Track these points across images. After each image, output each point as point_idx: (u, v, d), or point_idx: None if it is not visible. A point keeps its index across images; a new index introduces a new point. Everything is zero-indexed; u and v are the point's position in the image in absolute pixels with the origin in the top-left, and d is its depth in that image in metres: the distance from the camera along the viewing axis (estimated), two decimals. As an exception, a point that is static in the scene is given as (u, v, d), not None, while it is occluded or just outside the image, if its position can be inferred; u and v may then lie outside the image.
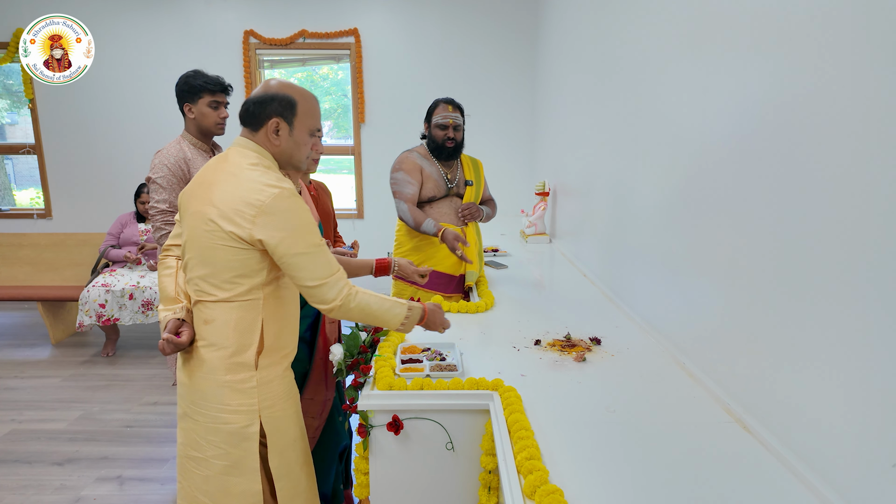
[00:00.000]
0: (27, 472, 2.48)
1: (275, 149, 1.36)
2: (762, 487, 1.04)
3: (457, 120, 2.35)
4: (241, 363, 1.33)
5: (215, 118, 2.19)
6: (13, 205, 5.53)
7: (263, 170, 1.30)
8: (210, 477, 1.36)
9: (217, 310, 1.32)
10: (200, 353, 1.34)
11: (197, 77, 2.17)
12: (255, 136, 1.35)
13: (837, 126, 0.98)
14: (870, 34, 0.91)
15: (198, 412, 1.35)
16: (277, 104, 1.33)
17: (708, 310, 1.49)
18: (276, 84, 1.36)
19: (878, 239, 0.88)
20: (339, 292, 1.31)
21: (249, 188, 1.25)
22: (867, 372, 0.91)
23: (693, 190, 1.58)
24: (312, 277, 1.28)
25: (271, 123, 1.33)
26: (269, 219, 1.24)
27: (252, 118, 1.34)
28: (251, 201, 1.24)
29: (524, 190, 4.75)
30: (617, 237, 2.32)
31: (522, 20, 4.79)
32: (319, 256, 1.29)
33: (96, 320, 3.67)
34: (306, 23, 4.77)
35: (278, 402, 1.40)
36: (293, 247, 1.26)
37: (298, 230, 1.26)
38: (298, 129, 1.37)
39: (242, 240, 1.25)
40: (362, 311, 1.36)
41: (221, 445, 1.34)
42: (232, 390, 1.33)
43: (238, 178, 1.28)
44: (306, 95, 1.38)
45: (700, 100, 1.53)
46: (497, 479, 1.33)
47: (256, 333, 1.33)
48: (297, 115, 1.35)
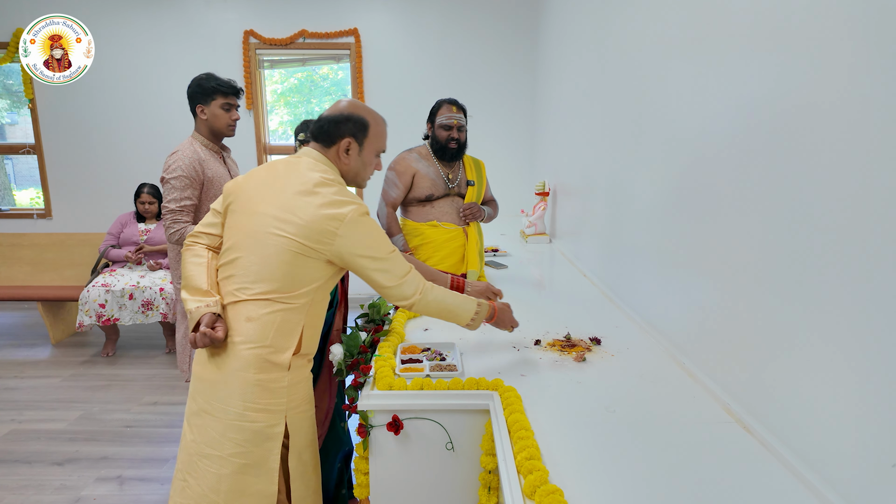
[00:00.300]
0: (27, 472, 2.48)
1: (343, 166, 1.44)
2: (762, 487, 1.04)
3: (460, 121, 2.35)
4: (276, 363, 1.34)
5: (227, 120, 2.21)
6: (13, 205, 5.53)
7: (339, 187, 1.37)
8: (225, 476, 1.34)
9: (264, 309, 1.32)
10: (236, 349, 1.33)
11: (210, 79, 2.19)
12: (327, 151, 1.43)
13: (836, 125, 0.98)
14: (869, 34, 0.91)
15: (220, 409, 1.34)
16: (352, 125, 1.41)
17: (708, 309, 1.49)
18: (348, 105, 1.43)
19: (878, 238, 0.88)
20: (416, 287, 1.41)
21: (330, 204, 1.31)
22: (867, 372, 0.91)
23: (693, 189, 1.58)
24: (392, 279, 1.38)
25: (343, 143, 1.41)
26: (349, 235, 1.31)
27: (326, 136, 1.42)
28: (334, 217, 1.30)
29: (524, 190, 4.75)
30: (617, 237, 2.32)
31: (522, 20, 4.79)
32: (395, 260, 1.39)
33: (96, 320, 3.67)
34: (306, 23, 4.77)
35: (302, 403, 1.43)
36: (374, 258, 1.35)
37: (376, 242, 1.35)
38: (367, 150, 1.45)
39: (321, 253, 1.32)
40: (438, 304, 1.45)
41: (243, 444, 1.33)
42: (262, 389, 1.33)
43: (316, 194, 1.33)
44: (378, 118, 1.46)
45: (699, 99, 1.53)
46: (497, 479, 1.33)
47: (296, 336, 1.36)
48: (368, 137, 1.43)
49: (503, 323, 1.63)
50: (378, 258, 1.36)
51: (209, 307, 1.34)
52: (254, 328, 1.32)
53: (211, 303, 1.36)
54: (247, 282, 1.34)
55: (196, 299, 1.37)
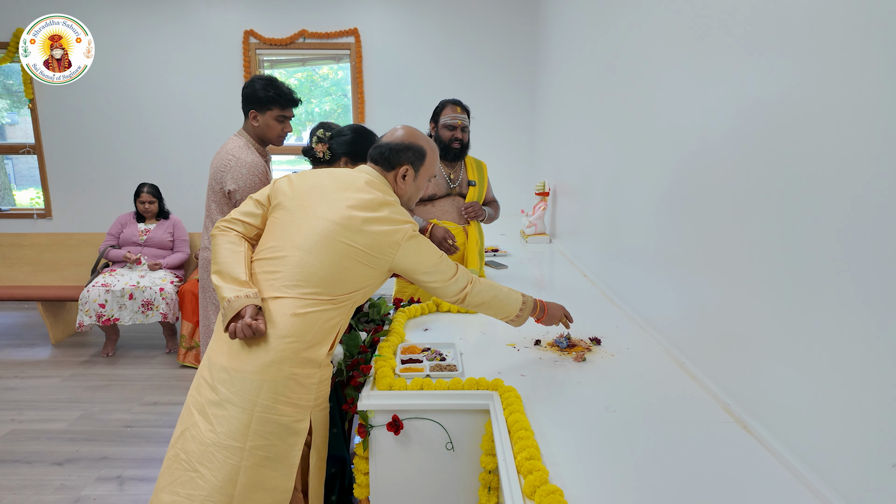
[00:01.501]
0: (27, 472, 2.48)
1: (399, 190, 1.53)
2: (762, 487, 1.04)
3: (464, 121, 2.37)
4: (312, 359, 1.36)
5: (279, 131, 2.18)
6: (13, 205, 5.53)
7: (398, 208, 1.46)
8: (245, 468, 1.32)
9: (312, 308, 1.35)
10: (275, 343, 1.32)
11: (269, 88, 2.11)
12: (386, 174, 1.52)
13: (835, 125, 0.98)
14: (868, 33, 0.91)
15: (249, 400, 1.32)
16: (412, 154, 1.51)
17: (708, 309, 1.49)
18: (408, 134, 1.52)
19: (878, 238, 0.88)
20: (466, 280, 1.51)
21: (393, 221, 1.41)
22: (867, 372, 0.91)
23: (693, 189, 1.58)
24: (443, 279, 1.47)
25: (402, 169, 1.50)
26: (408, 249, 1.41)
27: (386, 161, 1.51)
28: (396, 232, 1.40)
29: (524, 190, 4.75)
30: (617, 237, 2.32)
31: (523, 20, 4.79)
32: (443, 263, 1.48)
33: (96, 320, 3.66)
34: (306, 23, 4.77)
35: (324, 401, 1.45)
36: (428, 271, 1.45)
37: (429, 254, 1.45)
38: (421, 177, 1.55)
39: (384, 262, 1.41)
40: (488, 293, 1.54)
41: (268, 437, 1.33)
42: (296, 383, 1.35)
43: (381, 211, 1.41)
44: (433, 147, 1.56)
45: (699, 100, 1.53)
46: (497, 479, 1.33)
47: (334, 334, 1.41)
48: (424, 165, 1.54)
49: (553, 318, 1.69)
50: (430, 270, 1.46)
51: (249, 298, 1.34)
52: (298, 324, 1.34)
53: (251, 294, 1.35)
54: (297, 280, 1.36)
55: (234, 288, 1.35)
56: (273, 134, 2.17)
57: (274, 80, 2.15)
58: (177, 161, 4.93)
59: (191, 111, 4.87)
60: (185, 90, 4.85)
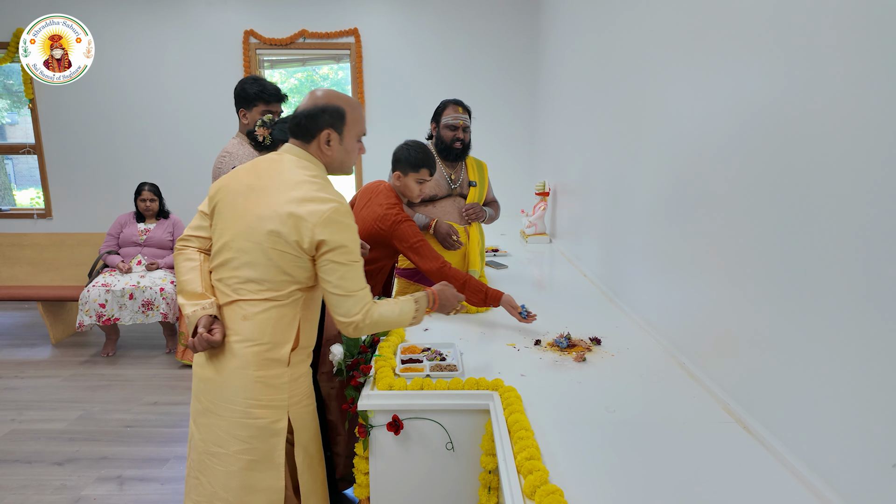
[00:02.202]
0: (27, 472, 2.48)
1: (326, 158, 1.42)
2: (762, 487, 1.04)
3: (466, 121, 2.38)
4: (276, 359, 1.35)
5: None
6: (13, 205, 5.54)
7: (322, 182, 1.37)
8: (233, 473, 1.36)
9: (259, 307, 1.34)
10: (234, 348, 1.34)
11: (254, 85, 2.16)
12: (308, 147, 1.41)
13: (836, 125, 0.98)
14: (869, 33, 0.91)
15: (224, 407, 1.35)
16: (329, 116, 1.39)
17: (708, 309, 1.49)
18: (323, 95, 1.40)
19: (878, 238, 0.88)
20: (363, 307, 1.37)
21: (312, 199, 1.31)
22: (867, 372, 0.91)
23: (692, 189, 1.58)
24: (346, 287, 1.34)
25: (323, 135, 1.39)
26: (330, 228, 1.30)
27: (304, 131, 1.40)
28: (314, 212, 1.30)
29: (524, 190, 4.75)
30: (617, 237, 2.32)
31: (522, 21, 4.79)
32: (356, 270, 1.36)
33: (96, 320, 3.66)
34: (306, 23, 4.77)
35: (304, 398, 1.44)
36: (341, 256, 1.32)
37: (349, 242, 1.34)
38: (348, 137, 1.43)
39: (302, 248, 1.31)
40: (377, 323, 1.40)
41: (248, 441, 1.35)
42: (264, 385, 1.35)
43: (300, 188, 1.33)
44: (353, 103, 1.44)
45: (699, 100, 1.53)
46: (497, 479, 1.33)
47: (293, 331, 1.38)
48: (346, 124, 1.41)
49: (446, 307, 1.62)
50: (342, 263, 1.33)
51: (205, 310, 1.36)
52: (251, 326, 1.34)
53: (206, 305, 1.37)
54: (240, 282, 1.35)
55: (192, 303, 1.38)
56: None
57: (259, 79, 2.19)
58: (177, 161, 4.93)
59: (191, 111, 4.87)
60: (185, 90, 4.85)
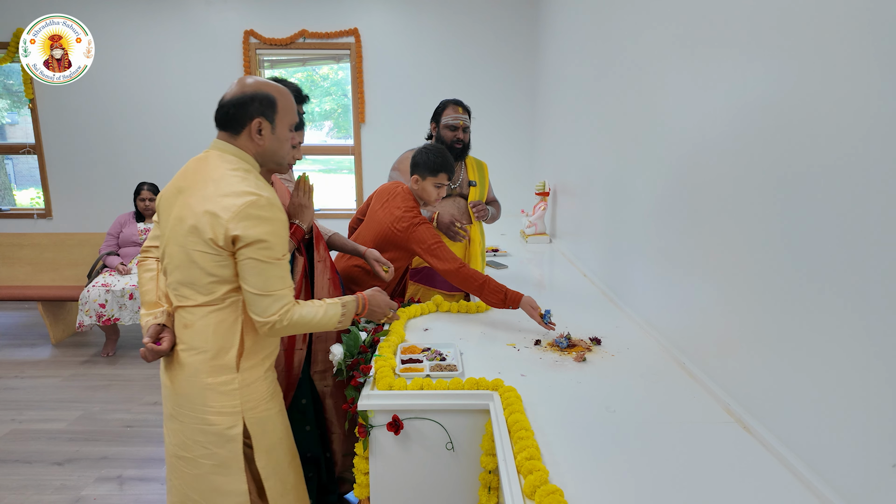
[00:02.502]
0: (27, 471, 2.48)
1: (258, 149, 1.35)
2: (762, 487, 1.04)
3: (466, 121, 2.38)
4: (222, 366, 1.33)
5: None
6: (13, 205, 5.53)
7: (243, 174, 1.30)
8: (200, 476, 1.37)
9: (197, 314, 1.32)
10: (181, 356, 1.34)
11: None
12: (237, 139, 1.34)
13: (836, 124, 0.98)
14: (868, 33, 0.91)
15: (183, 414, 1.36)
16: (259, 104, 1.32)
17: (708, 310, 1.49)
18: (252, 83, 1.34)
19: (878, 238, 0.88)
20: (280, 308, 1.30)
21: (228, 194, 1.25)
22: (867, 372, 0.91)
23: (693, 189, 1.58)
24: (263, 287, 1.28)
25: (254, 124, 1.32)
26: (245, 223, 1.24)
27: (233, 121, 1.33)
28: (228, 206, 1.24)
29: (524, 190, 4.75)
30: (617, 237, 2.32)
31: (522, 20, 4.79)
32: (277, 268, 1.29)
33: (96, 320, 3.66)
34: (306, 23, 4.77)
35: (261, 403, 1.40)
36: (258, 252, 1.26)
37: (268, 237, 1.27)
38: (280, 127, 1.37)
39: (218, 246, 1.25)
40: (296, 325, 1.34)
41: (208, 446, 1.35)
42: (215, 392, 1.33)
43: (218, 184, 1.27)
44: (283, 92, 1.37)
45: (699, 100, 1.53)
46: (497, 479, 1.33)
47: (236, 336, 1.34)
48: (277, 113, 1.35)
49: (376, 314, 1.57)
50: (259, 259, 1.26)
51: (156, 318, 1.37)
52: (192, 334, 1.32)
53: (158, 314, 1.38)
54: (176, 288, 1.33)
55: (147, 312, 1.40)
56: None
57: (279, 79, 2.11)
58: (176, 161, 4.88)
59: (191, 111, 4.87)
60: (186, 90, 4.85)
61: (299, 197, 1.80)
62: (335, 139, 5.49)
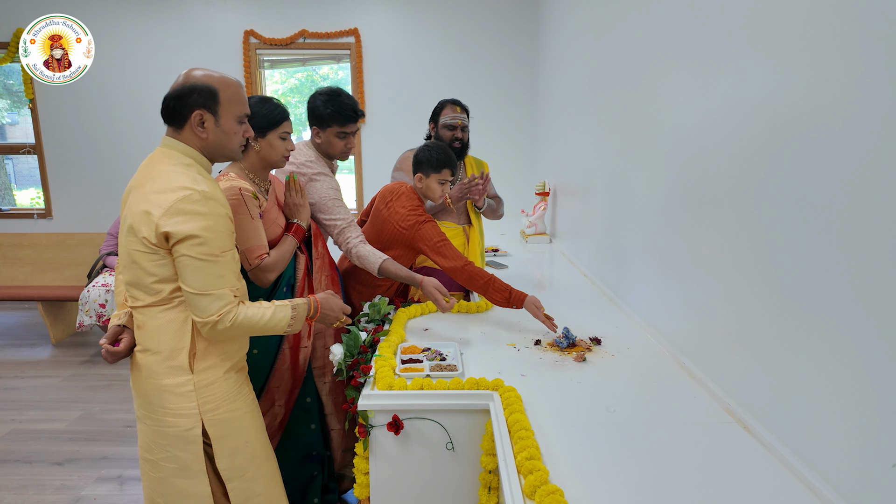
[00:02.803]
0: (27, 471, 2.48)
1: (203, 143, 1.32)
2: (762, 487, 1.04)
3: (464, 121, 2.39)
4: (177, 367, 1.31)
5: (342, 147, 2.02)
6: (13, 205, 5.53)
7: (182, 169, 1.27)
8: (163, 479, 1.36)
9: (147, 314, 1.30)
10: (137, 358, 1.34)
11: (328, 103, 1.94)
12: (181, 133, 1.32)
13: (837, 124, 0.98)
14: (869, 32, 0.91)
15: (146, 416, 1.35)
16: (198, 95, 1.28)
17: (708, 310, 1.49)
18: (195, 75, 1.30)
19: (878, 238, 0.88)
20: (221, 307, 1.25)
21: (162, 190, 1.22)
22: (867, 372, 0.91)
23: (693, 189, 1.58)
24: (201, 286, 1.24)
25: (194, 117, 1.29)
26: (177, 218, 1.20)
27: (175, 115, 1.30)
28: (160, 203, 1.21)
29: (524, 190, 4.75)
30: (617, 237, 2.32)
31: (522, 21, 4.79)
32: (217, 266, 1.25)
33: (96, 320, 3.66)
34: (306, 23, 4.77)
35: (223, 404, 1.36)
36: (192, 249, 1.22)
37: (203, 232, 1.22)
38: (225, 119, 1.32)
39: (152, 244, 1.23)
40: (241, 326, 1.30)
41: (169, 449, 1.34)
42: (171, 394, 1.31)
43: (155, 181, 1.25)
44: (227, 82, 1.33)
45: (699, 99, 1.53)
46: (497, 479, 1.33)
47: (187, 337, 1.30)
48: (220, 104, 1.31)
49: (328, 317, 1.52)
50: (195, 256, 1.22)
51: (118, 319, 1.38)
52: (144, 335, 1.31)
53: (121, 315, 1.39)
54: (129, 290, 1.32)
55: (115, 314, 1.41)
56: (336, 150, 2.02)
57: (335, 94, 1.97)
58: (177, 161, 4.92)
59: (191, 111, 4.86)
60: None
61: (293, 197, 1.81)
62: (335, 139, 5.49)
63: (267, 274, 1.68)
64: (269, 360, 1.79)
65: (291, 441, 1.87)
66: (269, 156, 1.73)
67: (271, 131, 1.71)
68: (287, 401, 1.83)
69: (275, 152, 1.73)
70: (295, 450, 1.88)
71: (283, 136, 1.73)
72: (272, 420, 1.82)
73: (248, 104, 1.39)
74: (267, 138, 1.71)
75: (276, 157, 1.74)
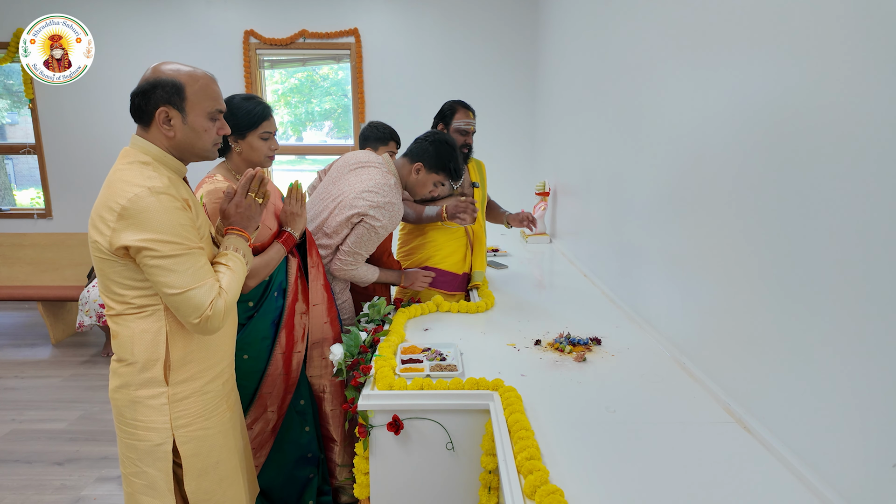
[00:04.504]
0: (27, 472, 2.48)
1: (170, 141, 1.25)
2: (762, 487, 1.04)
3: (475, 126, 2.40)
4: (151, 378, 1.25)
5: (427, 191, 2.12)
6: (13, 205, 5.53)
7: (139, 167, 1.19)
8: (132, 495, 1.31)
9: (119, 323, 1.25)
10: (113, 367, 1.29)
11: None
12: (148, 131, 1.24)
13: (838, 124, 0.98)
14: (870, 32, 0.91)
15: (118, 427, 1.30)
16: (162, 91, 1.21)
17: (708, 310, 1.49)
18: (161, 69, 1.24)
19: (879, 238, 0.88)
20: (210, 296, 1.21)
21: (113, 191, 1.16)
22: (867, 372, 0.91)
23: (693, 189, 1.58)
24: (175, 285, 1.17)
25: (159, 114, 1.22)
26: (127, 222, 1.14)
27: (141, 112, 1.23)
28: (111, 205, 1.15)
29: (524, 190, 4.75)
30: (617, 237, 2.32)
31: (522, 20, 4.79)
32: (190, 258, 1.19)
33: (96, 320, 3.67)
34: (306, 23, 4.77)
35: (196, 420, 1.30)
36: (153, 251, 1.15)
37: (159, 232, 1.15)
38: (193, 115, 1.25)
39: (107, 250, 1.17)
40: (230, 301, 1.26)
41: (138, 464, 1.28)
42: (144, 406, 1.26)
43: (110, 181, 1.19)
44: (196, 76, 1.26)
45: (700, 100, 1.53)
46: (497, 479, 1.33)
47: (161, 347, 1.25)
48: (187, 99, 1.24)
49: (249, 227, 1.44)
50: (159, 256, 1.15)
51: None
52: (118, 345, 1.27)
53: None
54: (103, 299, 1.29)
55: None
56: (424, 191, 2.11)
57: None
58: (177, 161, 4.92)
59: (191, 111, 4.86)
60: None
61: (292, 205, 1.75)
62: (335, 139, 5.49)
63: (247, 280, 1.59)
64: (260, 365, 1.75)
65: (286, 444, 1.86)
66: (250, 157, 1.68)
67: (251, 132, 1.65)
68: (280, 406, 1.80)
69: (256, 153, 1.68)
70: (290, 452, 1.87)
71: (265, 137, 1.68)
72: (265, 426, 1.79)
73: (220, 99, 1.31)
74: (247, 140, 1.66)
75: (259, 158, 1.68)
